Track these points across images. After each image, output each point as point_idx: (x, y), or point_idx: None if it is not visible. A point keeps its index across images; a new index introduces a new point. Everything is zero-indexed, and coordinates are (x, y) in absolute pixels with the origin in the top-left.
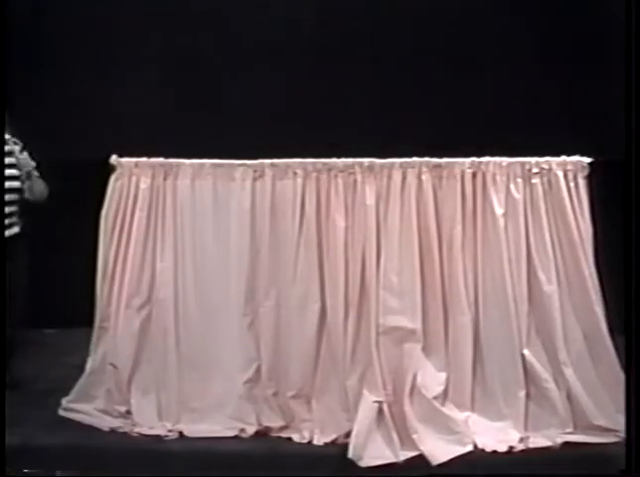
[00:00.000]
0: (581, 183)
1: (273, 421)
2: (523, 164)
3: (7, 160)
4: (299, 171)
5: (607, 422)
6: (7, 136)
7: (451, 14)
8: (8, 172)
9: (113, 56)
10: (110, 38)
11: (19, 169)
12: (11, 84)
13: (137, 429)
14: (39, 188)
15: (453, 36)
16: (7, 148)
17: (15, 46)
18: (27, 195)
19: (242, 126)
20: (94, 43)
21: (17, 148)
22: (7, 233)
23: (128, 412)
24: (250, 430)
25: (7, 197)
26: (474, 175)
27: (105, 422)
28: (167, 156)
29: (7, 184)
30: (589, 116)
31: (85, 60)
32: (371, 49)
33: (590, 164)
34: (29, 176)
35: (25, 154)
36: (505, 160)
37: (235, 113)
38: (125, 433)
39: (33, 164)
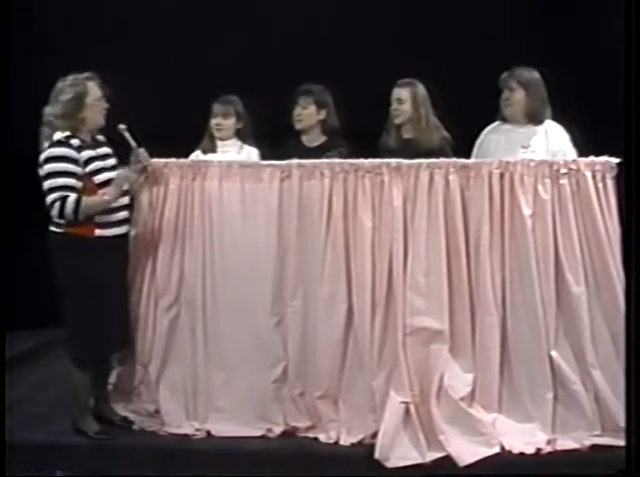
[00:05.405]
0: (609, 183)
1: (300, 421)
2: (551, 165)
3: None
4: (326, 171)
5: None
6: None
7: (453, 10)
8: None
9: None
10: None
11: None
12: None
13: (165, 428)
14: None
15: (452, 35)
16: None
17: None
18: None
19: None
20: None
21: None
22: (118, 230)
23: (156, 412)
24: (277, 430)
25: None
26: (502, 175)
27: None
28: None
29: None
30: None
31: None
32: None
33: (619, 165)
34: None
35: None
36: (533, 160)
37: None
38: (153, 432)
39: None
